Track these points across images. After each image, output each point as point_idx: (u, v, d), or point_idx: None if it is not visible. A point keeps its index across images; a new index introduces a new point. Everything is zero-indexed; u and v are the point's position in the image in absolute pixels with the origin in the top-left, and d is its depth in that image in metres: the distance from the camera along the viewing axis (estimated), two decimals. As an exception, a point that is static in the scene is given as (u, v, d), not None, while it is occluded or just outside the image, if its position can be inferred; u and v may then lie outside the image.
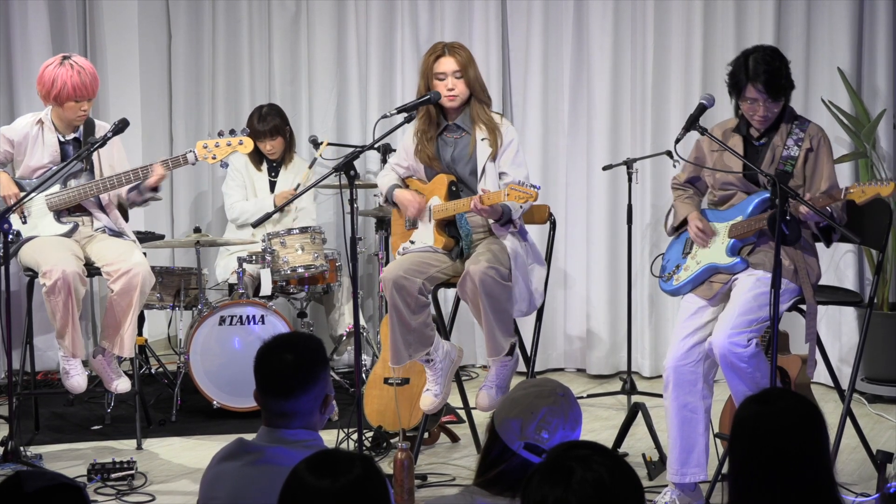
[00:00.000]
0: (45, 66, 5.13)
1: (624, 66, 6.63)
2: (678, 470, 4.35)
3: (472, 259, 4.62)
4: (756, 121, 4.39)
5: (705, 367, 4.33)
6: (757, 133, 4.43)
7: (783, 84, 4.32)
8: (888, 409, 5.87)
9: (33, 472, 2.18)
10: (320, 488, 2.13)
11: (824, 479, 2.36)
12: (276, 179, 6.58)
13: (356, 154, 4.40)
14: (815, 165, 4.35)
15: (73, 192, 5.16)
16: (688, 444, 4.34)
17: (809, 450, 2.35)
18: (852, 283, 6.11)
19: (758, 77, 4.29)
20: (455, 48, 4.81)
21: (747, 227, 4.37)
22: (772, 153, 4.39)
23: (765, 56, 4.34)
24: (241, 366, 5.69)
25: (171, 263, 7.23)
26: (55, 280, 4.89)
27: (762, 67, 4.30)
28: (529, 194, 4.38)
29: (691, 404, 4.32)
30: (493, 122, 4.77)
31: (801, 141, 4.36)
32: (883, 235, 4.68)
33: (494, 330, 4.61)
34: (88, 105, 5.15)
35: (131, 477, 4.81)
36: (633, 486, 2.05)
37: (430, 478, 4.86)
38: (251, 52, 7.26)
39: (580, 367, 6.87)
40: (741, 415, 2.43)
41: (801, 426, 2.37)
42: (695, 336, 4.35)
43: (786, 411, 2.37)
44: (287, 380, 2.82)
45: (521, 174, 4.69)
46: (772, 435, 2.35)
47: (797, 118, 4.42)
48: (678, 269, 4.54)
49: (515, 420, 2.65)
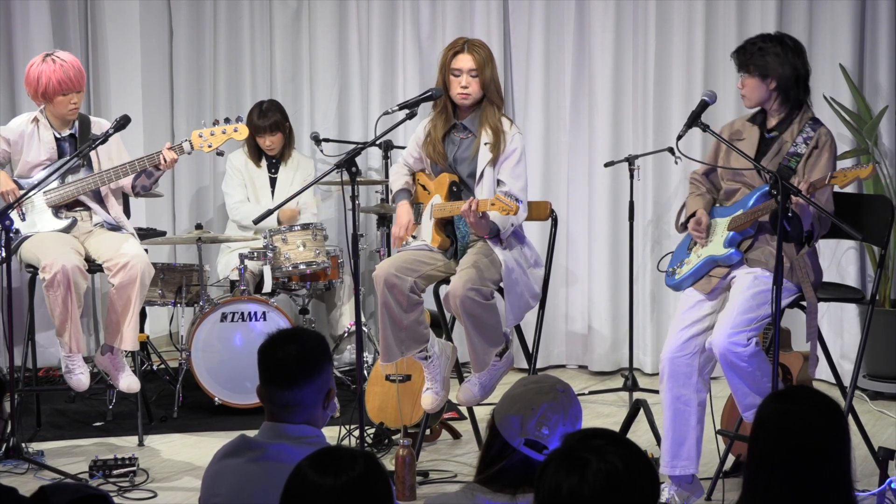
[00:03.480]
0: (30, 65, 5.18)
1: (625, 62, 6.62)
2: (669, 462, 4.37)
3: (457, 274, 4.59)
4: (746, 101, 4.44)
5: (701, 361, 4.34)
6: (770, 125, 4.45)
7: (748, 61, 4.36)
8: (890, 405, 5.88)
9: (58, 485, 2.17)
10: (323, 485, 2.14)
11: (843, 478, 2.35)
12: (276, 176, 6.58)
13: (358, 151, 4.39)
14: (815, 161, 4.35)
15: (71, 188, 5.16)
16: (679, 436, 4.35)
17: (832, 449, 2.34)
18: (854, 280, 6.11)
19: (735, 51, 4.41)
20: (475, 46, 4.76)
21: (745, 219, 4.37)
22: (778, 146, 4.39)
23: (757, 36, 4.45)
24: (243, 362, 5.71)
25: (173, 260, 7.23)
26: (54, 273, 4.89)
27: (743, 43, 4.42)
28: (510, 207, 4.35)
29: (684, 396, 4.34)
30: (501, 127, 4.71)
31: (810, 140, 4.36)
32: (885, 232, 4.67)
33: (478, 347, 4.62)
34: (78, 97, 5.16)
35: (133, 473, 4.81)
36: (647, 476, 2.05)
37: (432, 474, 4.86)
38: (252, 49, 7.26)
39: (582, 364, 6.87)
40: (764, 412, 2.41)
41: (825, 425, 2.35)
42: (692, 329, 4.36)
43: (811, 409, 2.36)
44: (291, 370, 2.83)
45: (516, 186, 4.66)
46: (796, 433, 2.33)
47: (813, 119, 4.43)
48: (681, 265, 4.55)
49: (516, 416, 2.65)
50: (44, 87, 5.09)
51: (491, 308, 4.56)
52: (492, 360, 4.66)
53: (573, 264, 6.82)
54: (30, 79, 5.14)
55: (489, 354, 4.65)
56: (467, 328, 4.57)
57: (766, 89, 4.38)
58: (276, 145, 6.52)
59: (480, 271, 4.55)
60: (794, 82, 4.37)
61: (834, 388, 4.95)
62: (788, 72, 4.35)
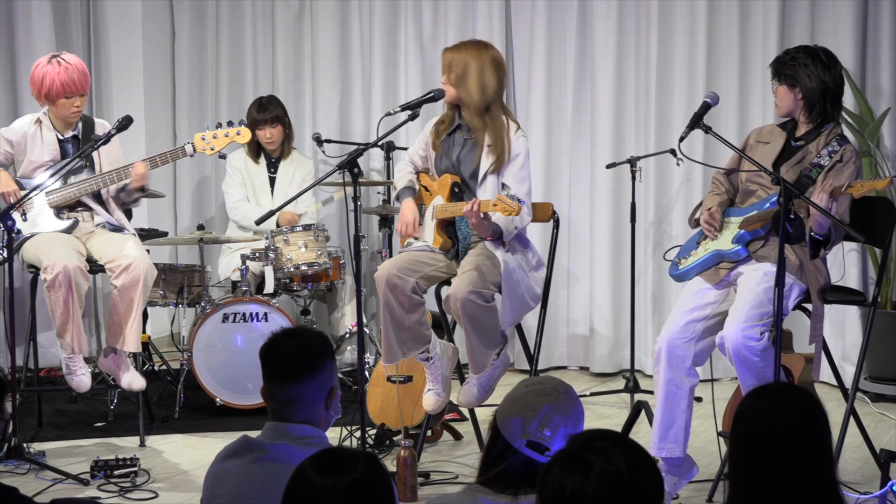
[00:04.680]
0: (35, 66, 5.19)
1: (627, 64, 6.62)
2: (656, 443, 4.39)
3: (458, 276, 4.59)
4: (777, 109, 4.56)
5: (697, 349, 4.37)
6: (798, 133, 4.52)
7: (784, 72, 4.46)
8: (891, 407, 5.87)
9: (69, 500, 2.16)
10: (325, 486, 2.14)
11: (825, 475, 2.36)
12: (275, 175, 6.57)
13: (360, 152, 4.40)
14: (836, 174, 4.39)
15: (73, 189, 5.17)
16: (669, 418, 4.37)
17: (810, 446, 2.35)
18: (856, 282, 6.11)
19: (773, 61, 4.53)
20: (459, 45, 4.78)
21: (756, 219, 4.41)
22: (802, 155, 4.47)
23: (795, 48, 4.57)
24: (244, 363, 5.71)
25: (175, 260, 7.23)
26: (56, 274, 4.89)
27: (781, 54, 4.54)
28: (511, 208, 4.34)
29: (677, 379, 4.37)
30: (503, 129, 4.69)
31: (834, 154, 4.43)
32: (887, 234, 4.68)
33: (477, 350, 4.63)
34: (81, 101, 5.17)
35: (134, 474, 4.81)
36: (651, 478, 2.06)
37: (433, 475, 4.86)
38: (255, 49, 7.27)
39: (583, 365, 6.88)
40: (741, 409, 2.43)
41: (801, 422, 2.36)
42: (692, 314, 4.39)
43: (786, 407, 2.37)
44: (293, 365, 2.84)
45: (521, 189, 4.65)
46: (771, 430, 2.35)
47: (841, 136, 4.49)
48: (687, 256, 4.59)
49: (517, 418, 2.65)
50: (47, 89, 5.10)
51: (491, 311, 4.56)
52: (490, 361, 4.67)
53: (575, 266, 6.82)
54: (34, 79, 5.15)
55: (488, 356, 4.65)
56: (467, 330, 4.57)
57: (794, 99, 4.48)
58: (276, 139, 6.50)
59: (482, 274, 4.54)
60: (820, 95, 4.45)
61: (835, 390, 4.95)
62: (816, 84, 4.44)
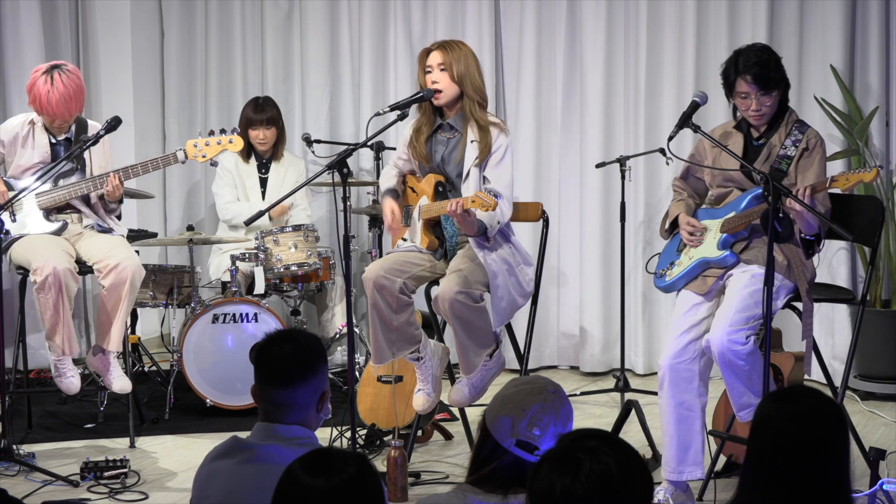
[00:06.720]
0: (36, 71, 5.12)
1: (617, 63, 6.63)
2: (675, 468, 4.35)
3: (447, 277, 4.58)
4: (751, 116, 4.41)
5: (701, 365, 4.34)
6: (757, 133, 4.45)
7: (773, 76, 4.35)
8: (881, 406, 5.89)
9: (58, 503, 2.17)
10: (314, 487, 2.14)
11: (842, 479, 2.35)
12: (266, 176, 6.57)
13: (349, 152, 4.40)
14: (807, 164, 4.37)
15: (63, 192, 5.15)
16: (684, 441, 4.34)
17: (833, 450, 2.34)
18: (845, 281, 6.12)
19: (748, 69, 4.33)
20: (448, 44, 4.76)
21: (738, 221, 4.39)
22: (768, 151, 4.41)
23: (754, 50, 4.41)
24: (235, 364, 5.70)
25: (164, 261, 7.22)
26: (46, 276, 4.88)
27: (752, 60, 4.35)
28: (488, 203, 4.34)
29: (687, 402, 4.33)
30: (486, 123, 4.69)
31: (799, 142, 4.38)
32: (875, 232, 4.68)
33: (468, 350, 4.62)
34: (71, 117, 5.15)
35: (124, 475, 4.80)
36: (641, 477, 2.06)
37: (424, 475, 4.86)
38: (244, 50, 7.26)
39: (573, 365, 6.88)
40: (763, 412, 2.40)
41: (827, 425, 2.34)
42: (690, 333, 4.35)
43: (813, 410, 2.35)
44: (288, 369, 2.84)
45: (500, 183, 4.63)
46: (798, 433, 2.32)
47: (799, 122, 4.44)
48: (671, 266, 4.55)
49: (507, 417, 2.65)
50: (42, 105, 5.05)
51: (480, 311, 4.56)
52: (481, 362, 4.66)
53: (564, 265, 6.82)
54: (28, 87, 5.09)
55: (479, 357, 4.64)
56: (456, 331, 4.57)
57: (775, 101, 4.40)
58: (269, 140, 6.50)
59: (470, 274, 4.54)
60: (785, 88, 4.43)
61: (825, 389, 4.95)
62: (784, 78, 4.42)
